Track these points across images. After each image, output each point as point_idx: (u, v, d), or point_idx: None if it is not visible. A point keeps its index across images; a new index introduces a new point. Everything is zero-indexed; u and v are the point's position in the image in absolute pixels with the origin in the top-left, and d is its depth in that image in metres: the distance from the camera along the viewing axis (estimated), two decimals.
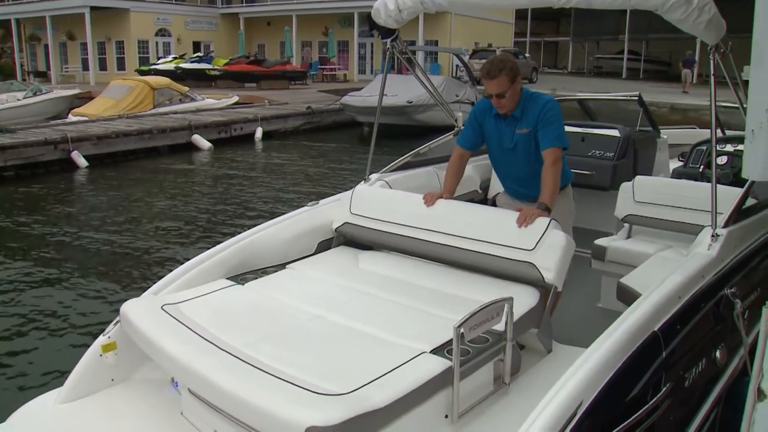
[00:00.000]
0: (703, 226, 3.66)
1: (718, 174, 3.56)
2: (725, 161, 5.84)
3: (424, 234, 3.84)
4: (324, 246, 4.19)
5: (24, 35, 44.38)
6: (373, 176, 4.59)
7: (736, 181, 5.24)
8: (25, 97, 22.25)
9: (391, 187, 4.48)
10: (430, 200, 3.89)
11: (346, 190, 4.43)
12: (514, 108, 3.79)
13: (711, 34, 3.25)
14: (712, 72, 3.45)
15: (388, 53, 4.45)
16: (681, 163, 6.76)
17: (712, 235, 3.41)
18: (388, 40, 4.31)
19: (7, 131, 15.34)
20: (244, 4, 43.07)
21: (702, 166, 6.04)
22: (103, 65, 40.06)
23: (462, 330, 2.58)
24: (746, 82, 4.25)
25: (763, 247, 3.91)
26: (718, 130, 7.17)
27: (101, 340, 3.24)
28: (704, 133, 7.96)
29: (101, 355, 3.20)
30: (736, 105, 4.10)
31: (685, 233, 4.30)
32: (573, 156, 3.85)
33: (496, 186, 5.50)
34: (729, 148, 6.00)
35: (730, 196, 3.56)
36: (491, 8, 31.99)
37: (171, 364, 2.79)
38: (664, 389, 2.74)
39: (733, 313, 3.14)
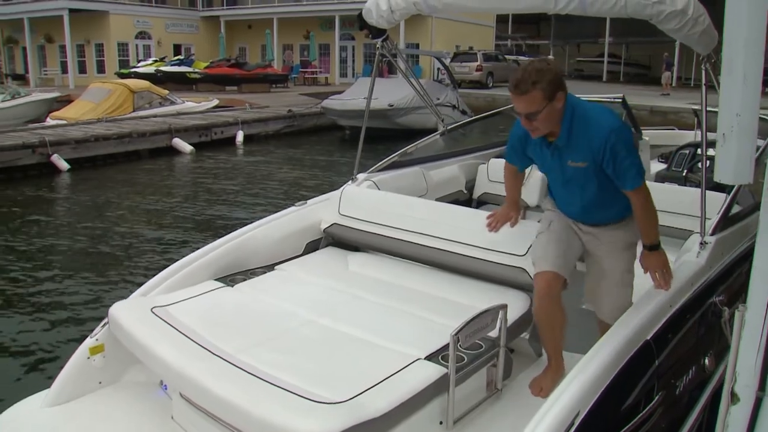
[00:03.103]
0: (686, 231, 3.67)
1: (701, 178, 3.59)
2: (707, 165, 5.90)
3: (415, 237, 3.84)
4: (312, 247, 4.18)
5: (1, 38, 43.87)
6: (361, 176, 4.58)
7: (718, 185, 5.29)
8: (3, 101, 21.97)
9: (378, 187, 4.48)
10: (500, 221, 3.54)
11: (335, 191, 4.42)
12: (553, 133, 2.97)
13: (703, 44, 3.26)
14: (703, 82, 3.45)
15: (377, 54, 4.44)
16: (662, 164, 6.82)
17: (701, 243, 3.40)
18: (379, 41, 4.31)
19: None
20: (225, 7, 42.85)
21: (685, 170, 6.09)
22: (82, 68, 39.64)
23: (458, 337, 2.60)
24: None
25: (748, 254, 3.94)
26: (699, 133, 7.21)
27: (88, 342, 3.22)
28: (684, 135, 8.03)
29: (89, 358, 3.18)
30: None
31: (668, 237, 4.33)
32: None
33: (482, 186, 5.54)
34: (711, 152, 6.05)
35: (714, 200, 3.57)
36: (485, 12, 32.20)
37: (162, 369, 2.77)
38: (657, 398, 2.76)
39: (720, 321, 3.16)
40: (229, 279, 3.60)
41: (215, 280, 3.58)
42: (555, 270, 3.03)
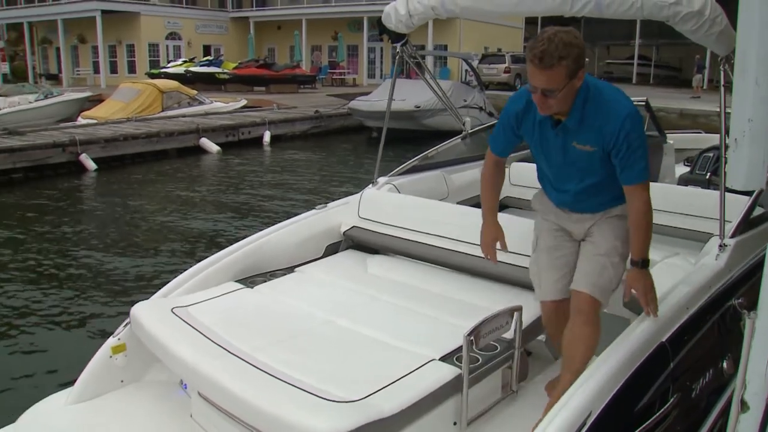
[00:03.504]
0: (710, 234, 3.64)
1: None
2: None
3: (434, 240, 3.85)
4: (332, 249, 4.21)
5: (36, 38, 44.67)
6: (381, 180, 4.59)
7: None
8: (36, 100, 22.42)
9: (399, 191, 4.49)
10: (491, 251, 3.23)
11: (355, 194, 4.45)
12: (565, 112, 2.71)
13: (722, 45, 3.21)
14: (722, 83, 3.43)
15: (397, 57, 4.45)
16: (686, 168, 6.74)
17: (720, 246, 3.36)
18: (398, 45, 4.31)
19: (17, 133, 15.47)
20: (254, 8, 43.18)
21: (709, 173, 6.02)
22: (114, 68, 40.23)
23: (471, 338, 2.61)
24: None
25: None
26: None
27: (111, 341, 3.28)
28: (710, 138, 7.92)
29: (111, 357, 3.24)
30: None
31: (691, 240, 4.29)
32: None
33: (504, 190, 5.51)
34: None
35: (736, 203, 3.53)
36: (503, 15, 32.25)
37: (181, 368, 2.82)
38: (672, 400, 2.74)
39: (740, 324, 3.14)
40: (249, 281, 3.64)
41: (235, 281, 3.62)
42: (554, 299, 2.96)
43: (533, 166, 4.33)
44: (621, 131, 2.61)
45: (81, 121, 19.75)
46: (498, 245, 3.23)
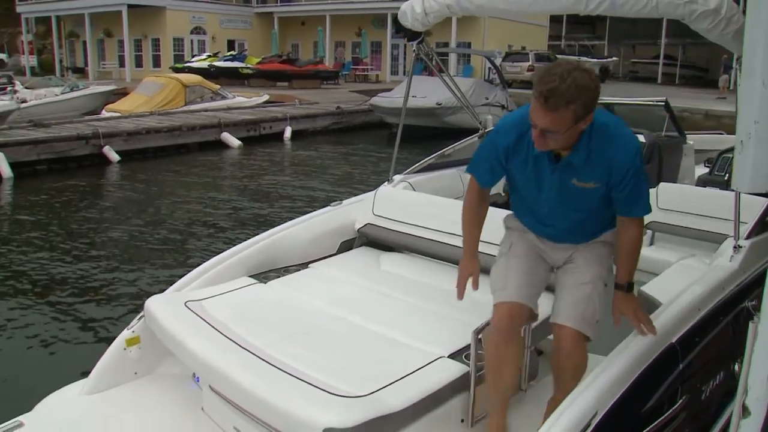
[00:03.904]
0: (723, 235, 3.61)
1: None
2: None
3: (448, 237, 3.85)
4: (346, 246, 4.23)
5: (63, 32, 45.23)
6: (397, 177, 4.60)
7: None
8: (62, 93, 22.72)
9: (414, 189, 4.50)
10: (462, 288, 2.92)
11: (370, 191, 4.47)
12: (566, 150, 2.51)
13: (738, 44, 3.17)
14: (738, 82, 3.40)
15: (414, 56, 4.45)
16: (707, 169, 6.69)
17: (735, 247, 3.34)
18: (414, 43, 4.31)
19: (42, 125, 15.68)
20: (278, 4, 43.29)
21: (727, 174, 5.96)
22: (139, 62, 40.62)
23: (480, 336, 2.60)
24: None
25: None
26: None
27: (125, 334, 3.32)
28: (731, 139, 7.84)
29: (125, 349, 3.28)
30: None
31: (708, 241, 4.26)
32: None
33: None
34: None
35: (754, 205, 3.50)
36: (518, 14, 32.13)
37: (193, 361, 2.85)
38: (680, 402, 2.72)
39: None
40: (263, 276, 3.66)
41: (249, 276, 3.64)
42: (518, 300, 2.67)
43: None
44: (631, 167, 2.47)
45: (105, 114, 19.94)
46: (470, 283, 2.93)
